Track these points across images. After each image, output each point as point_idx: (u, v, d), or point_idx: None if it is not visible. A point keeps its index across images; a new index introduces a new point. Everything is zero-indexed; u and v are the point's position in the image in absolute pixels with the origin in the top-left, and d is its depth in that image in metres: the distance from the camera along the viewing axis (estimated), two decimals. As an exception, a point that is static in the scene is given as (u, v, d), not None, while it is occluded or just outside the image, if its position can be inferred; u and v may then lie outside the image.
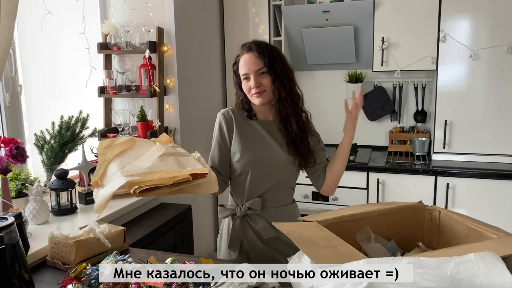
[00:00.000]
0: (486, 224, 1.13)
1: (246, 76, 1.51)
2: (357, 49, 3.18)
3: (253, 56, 1.50)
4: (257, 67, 1.49)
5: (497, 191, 2.65)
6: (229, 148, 1.59)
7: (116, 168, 1.26)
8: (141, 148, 1.39)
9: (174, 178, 1.21)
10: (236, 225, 1.59)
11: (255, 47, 1.50)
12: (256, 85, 1.49)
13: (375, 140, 3.42)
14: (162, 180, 1.20)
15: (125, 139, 1.41)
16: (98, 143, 2.47)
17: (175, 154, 1.35)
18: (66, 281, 1.20)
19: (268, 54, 1.49)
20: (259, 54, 1.49)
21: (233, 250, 1.61)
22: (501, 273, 0.80)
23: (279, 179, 1.56)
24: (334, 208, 2.92)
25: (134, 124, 2.54)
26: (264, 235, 1.54)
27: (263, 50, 1.49)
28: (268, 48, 1.52)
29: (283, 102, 1.52)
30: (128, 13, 2.58)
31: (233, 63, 1.59)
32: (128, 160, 1.31)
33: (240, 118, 1.60)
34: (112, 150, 1.36)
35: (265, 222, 1.54)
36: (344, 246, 0.99)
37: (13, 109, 2.06)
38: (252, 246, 1.58)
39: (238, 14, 3.20)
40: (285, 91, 1.51)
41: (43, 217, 1.74)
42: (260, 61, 1.49)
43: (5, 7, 1.58)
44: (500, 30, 2.68)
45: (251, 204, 1.55)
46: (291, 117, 1.53)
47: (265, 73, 1.49)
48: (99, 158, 1.35)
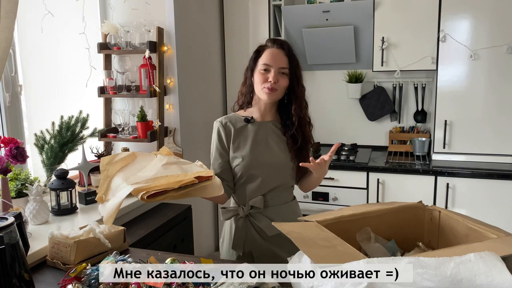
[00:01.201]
0: (486, 224, 1.13)
1: (267, 67, 1.51)
2: (357, 49, 3.18)
3: (282, 53, 1.53)
4: (282, 64, 1.52)
5: (497, 191, 2.65)
6: (229, 154, 1.59)
7: (120, 180, 1.28)
8: (143, 161, 1.41)
9: (180, 182, 1.23)
10: (239, 225, 1.59)
11: (287, 47, 1.55)
12: (274, 80, 1.50)
13: (375, 140, 3.42)
14: (169, 185, 1.22)
15: (125, 154, 1.43)
16: (98, 143, 2.49)
17: (178, 163, 1.37)
18: (66, 281, 1.20)
19: (295, 59, 1.55)
20: (288, 54, 1.53)
21: (237, 250, 1.61)
22: (501, 273, 0.80)
23: (280, 180, 1.57)
24: (334, 208, 2.92)
25: (134, 124, 2.54)
26: (269, 232, 1.55)
27: (292, 53, 1.55)
28: (295, 55, 1.57)
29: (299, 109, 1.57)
30: (128, 13, 2.58)
31: (256, 50, 1.58)
32: (131, 172, 1.33)
33: (237, 123, 1.60)
34: (114, 166, 1.38)
35: (268, 220, 1.55)
36: (344, 246, 0.99)
37: (13, 109, 2.06)
38: (254, 245, 1.59)
39: (238, 14, 3.20)
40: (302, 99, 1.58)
41: (43, 217, 1.74)
42: (287, 61, 1.53)
43: (5, 7, 1.58)
44: (500, 30, 2.68)
45: (254, 202, 1.55)
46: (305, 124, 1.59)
47: (286, 74, 1.53)
48: (102, 174, 1.37)
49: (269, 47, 1.55)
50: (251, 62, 1.58)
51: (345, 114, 3.48)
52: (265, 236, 1.56)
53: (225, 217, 1.64)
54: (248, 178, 1.55)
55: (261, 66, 1.52)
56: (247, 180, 1.56)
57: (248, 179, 1.55)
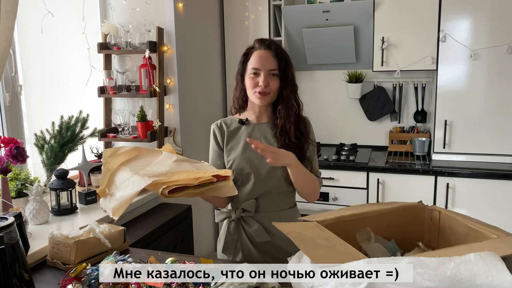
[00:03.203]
0: (486, 224, 1.13)
1: (256, 71, 1.47)
2: (357, 49, 3.18)
3: (270, 54, 1.47)
4: (271, 66, 1.46)
5: (497, 191, 2.65)
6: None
7: (128, 174, 1.24)
8: (149, 156, 1.38)
9: (199, 179, 1.20)
10: (231, 228, 1.57)
11: (274, 47, 1.48)
12: (265, 84, 1.46)
13: (375, 140, 3.42)
14: (188, 180, 1.18)
15: (128, 148, 1.39)
16: (98, 143, 2.49)
17: (188, 161, 1.35)
18: (66, 281, 1.20)
19: (284, 58, 1.48)
20: (276, 54, 1.47)
21: (227, 254, 1.60)
22: (501, 273, 0.80)
23: (272, 183, 1.52)
24: (334, 208, 2.92)
25: (134, 124, 2.54)
26: (257, 238, 1.52)
27: (280, 52, 1.48)
28: (284, 53, 1.51)
29: (283, 111, 1.50)
30: (128, 13, 2.58)
31: (244, 53, 1.53)
32: (139, 167, 1.29)
33: (231, 125, 1.59)
34: (116, 160, 1.35)
35: (259, 225, 1.52)
36: (344, 246, 0.99)
37: (13, 109, 2.06)
38: (245, 250, 1.56)
39: (238, 14, 3.20)
40: (288, 100, 1.50)
41: (43, 217, 1.74)
42: (276, 62, 1.47)
43: (5, 7, 1.58)
44: (500, 30, 2.68)
45: (245, 205, 1.53)
46: (290, 126, 1.50)
47: (276, 75, 1.48)
48: (103, 167, 1.34)
49: (256, 49, 1.50)
50: (240, 66, 1.54)
51: (345, 114, 3.48)
52: (255, 242, 1.54)
53: (218, 219, 1.62)
54: (241, 181, 1.53)
55: (250, 70, 1.48)
56: (241, 182, 1.53)
57: (241, 182, 1.53)
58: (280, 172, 1.51)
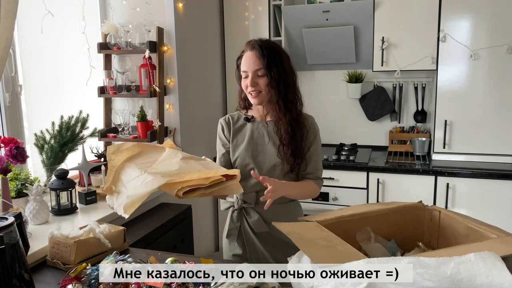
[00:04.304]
0: (486, 224, 1.13)
1: (245, 73, 1.54)
2: (357, 49, 3.18)
3: (254, 55, 1.51)
4: (255, 67, 1.50)
5: (497, 191, 2.65)
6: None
7: (137, 172, 1.24)
8: (152, 153, 1.38)
9: (210, 179, 1.21)
10: (233, 217, 1.66)
11: (258, 47, 1.51)
12: (252, 84, 1.51)
13: (375, 140, 3.42)
14: (200, 181, 1.20)
15: (131, 144, 1.40)
16: (98, 143, 2.49)
17: (194, 158, 1.36)
18: (66, 281, 1.20)
19: (269, 55, 1.49)
20: (260, 54, 1.49)
21: (230, 240, 1.67)
22: (501, 273, 0.80)
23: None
24: (334, 208, 2.92)
25: (134, 124, 2.54)
26: (256, 229, 1.60)
27: (265, 50, 1.49)
28: (271, 49, 1.51)
29: (275, 106, 1.54)
30: (128, 13, 2.58)
31: (238, 57, 1.59)
32: (146, 164, 1.30)
33: (238, 120, 1.66)
34: (119, 156, 1.35)
35: (259, 216, 1.59)
36: (344, 246, 0.99)
37: (13, 109, 2.06)
38: (247, 237, 1.64)
39: (238, 14, 3.20)
40: (278, 96, 1.51)
41: (43, 217, 1.74)
42: (260, 61, 1.49)
43: (5, 7, 1.58)
44: (500, 30, 2.68)
45: (246, 197, 1.60)
46: (281, 122, 1.54)
47: (263, 74, 1.51)
48: (108, 164, 1.35)
49: (245, 51, 1.55)
50: (236, 70, 1.62)
51: (345, 114, 3.48)
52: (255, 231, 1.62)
53: (224, 207, 1.71)
54: (245, 175, 1.57)
55: (242, 73, 1.55)
56: (245, 176, 1.57)
57: (245, 176, 1.57)
58: (280, 169, 1.57)
